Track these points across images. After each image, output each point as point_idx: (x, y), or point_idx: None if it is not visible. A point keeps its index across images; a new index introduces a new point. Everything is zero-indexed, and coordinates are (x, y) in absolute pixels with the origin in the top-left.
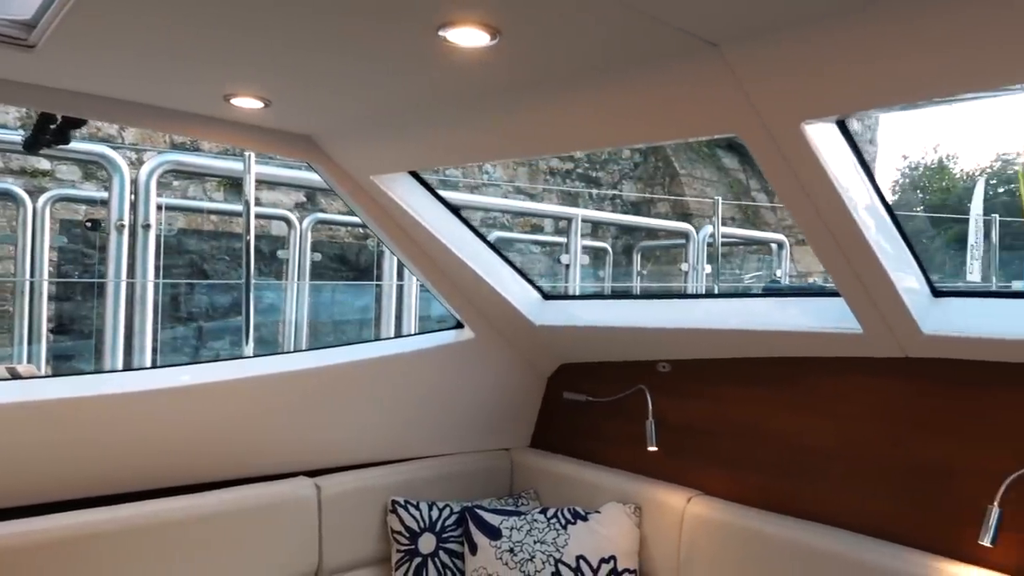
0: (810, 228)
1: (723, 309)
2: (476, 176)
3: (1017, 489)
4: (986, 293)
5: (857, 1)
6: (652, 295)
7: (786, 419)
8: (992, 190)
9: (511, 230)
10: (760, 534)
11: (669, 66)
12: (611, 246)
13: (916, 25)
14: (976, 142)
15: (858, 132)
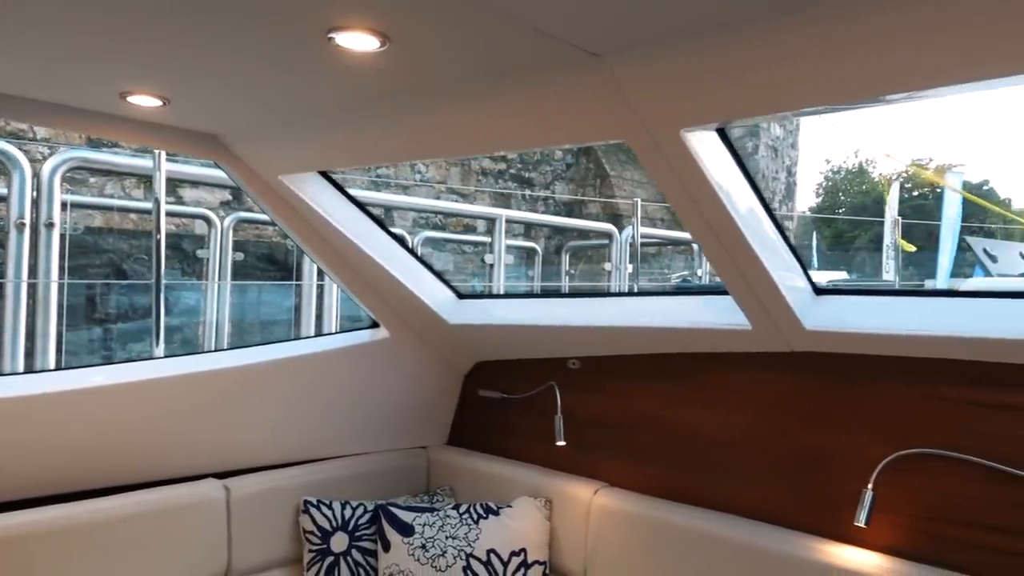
0: (697, 230)
1: (628, 307)
2: (408, 176)
3: (888, 473)
4: (864, 291)
5: (731, 17)
6: (563, 294)
7: (685, 412)
8: (907, 193)
9: (444, 230)
10: (661, 523)
11: (554, 75)
12: (544, 246)
13: (788, 38)
14: (893, 147)
15: (780, 137)
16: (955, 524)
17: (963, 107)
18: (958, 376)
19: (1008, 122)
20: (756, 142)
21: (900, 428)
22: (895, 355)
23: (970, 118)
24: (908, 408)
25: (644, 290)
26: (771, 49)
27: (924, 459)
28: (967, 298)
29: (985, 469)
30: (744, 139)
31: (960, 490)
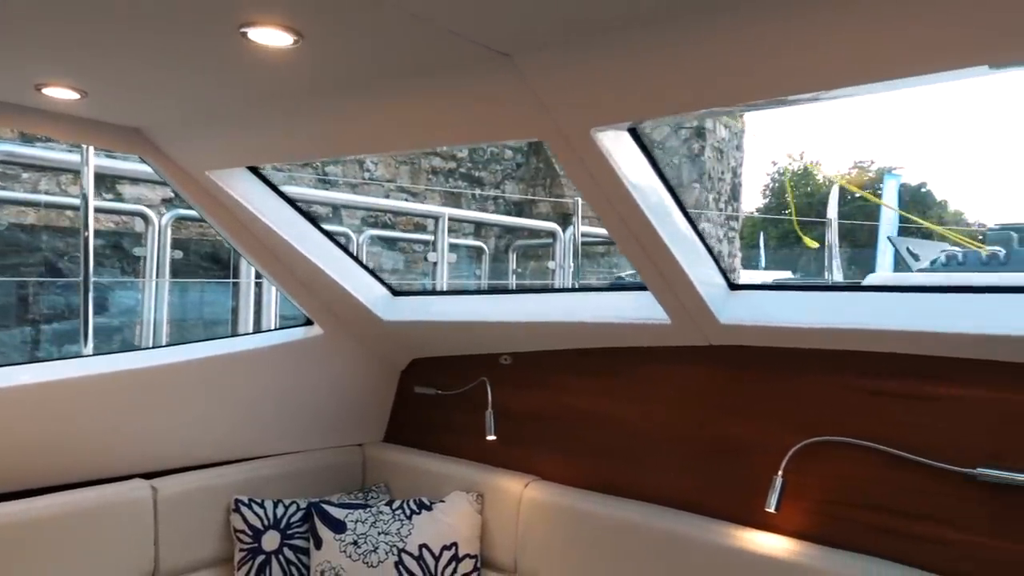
0: (614, 227)
1: (557, 303)
2: (357, 174)
3: (798, 460)
4: (776, 286)
5: (639, 18)
6: (495, 291)
7: (612, 405)
8: (851, 195)
9: (394, 228)
10: (588, 513)
11: (466, 74)
12: (495, 245)
13: (696, 39)
14: (836, 149)
15: (726, 139)
16: (859, 508)
17: (904, 110)
18: (863, 367)
19: (946, 126)
20: (702, 143)
21: (810, 417)
22: (805, 347)
23: (910, 121)
24: (817, 398)
25: (570, 287)
26: (679, 50)
27: (831, 446)
28: (871, 292)
29: (886, 455)
30: (691, 140)
31: (864, 475)
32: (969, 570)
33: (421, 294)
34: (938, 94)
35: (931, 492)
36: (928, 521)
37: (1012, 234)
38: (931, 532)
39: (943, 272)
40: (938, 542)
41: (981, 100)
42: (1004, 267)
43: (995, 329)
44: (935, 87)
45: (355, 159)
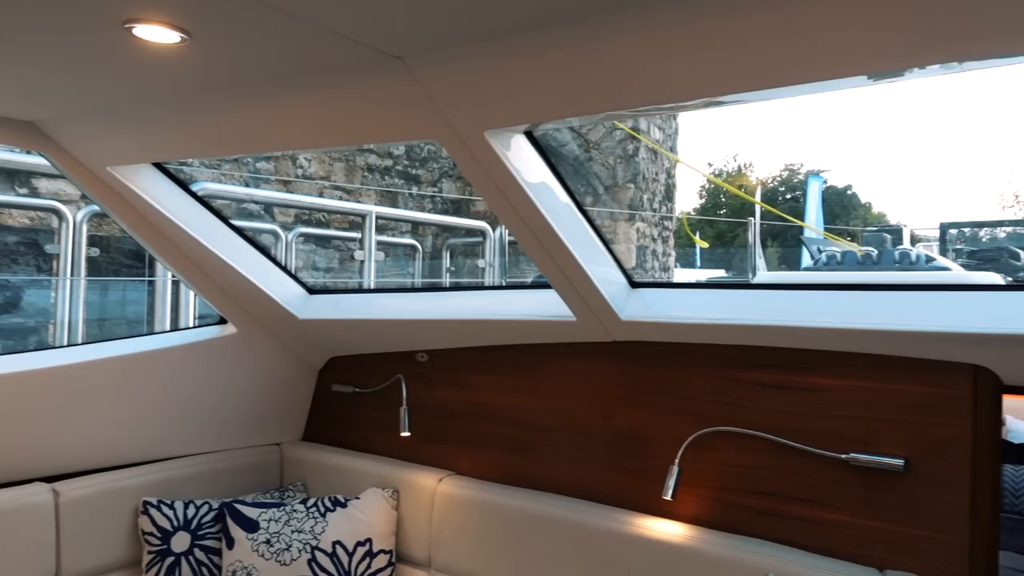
0: (514, 227)
1: (470, 301)
2: (290, 171)
3: (693, 450)
4: (673, 284)
5: (529, 22)
6: (411, 289)
7: (521, 401)
8: (781, 196)
9: (328, 226)
10: (499, 506)
11: (359, 76)
12: (432, 243)
13: (586, 44)
14: (768, 152)
15: (660, 140)
16: (748, 493)
17: (834, 115)
18: (749, 361)
19: (872, 131)
20: (636, 145)
21: (703, 409)
22: (700, 342)
23: (840, 126)
24: (709, 390)
25: (496, 284)
26: (572, 55)
27: (723, 436)
28: (758, 290)
29: (771, 443)
30: (625, 142)
31: (752, 463)
32: (847, 548)
33: (337, 292)
34: (866, 100)
35: (811, 477)
36: (810, 504)
37: (885, 236)
38: (812, 514)
39: (824, 271)
40: (819, 523)
41: (906, 106)
42: (876, 266)
43: (861, 324)
44: (864, 93)
45: (287, 155)
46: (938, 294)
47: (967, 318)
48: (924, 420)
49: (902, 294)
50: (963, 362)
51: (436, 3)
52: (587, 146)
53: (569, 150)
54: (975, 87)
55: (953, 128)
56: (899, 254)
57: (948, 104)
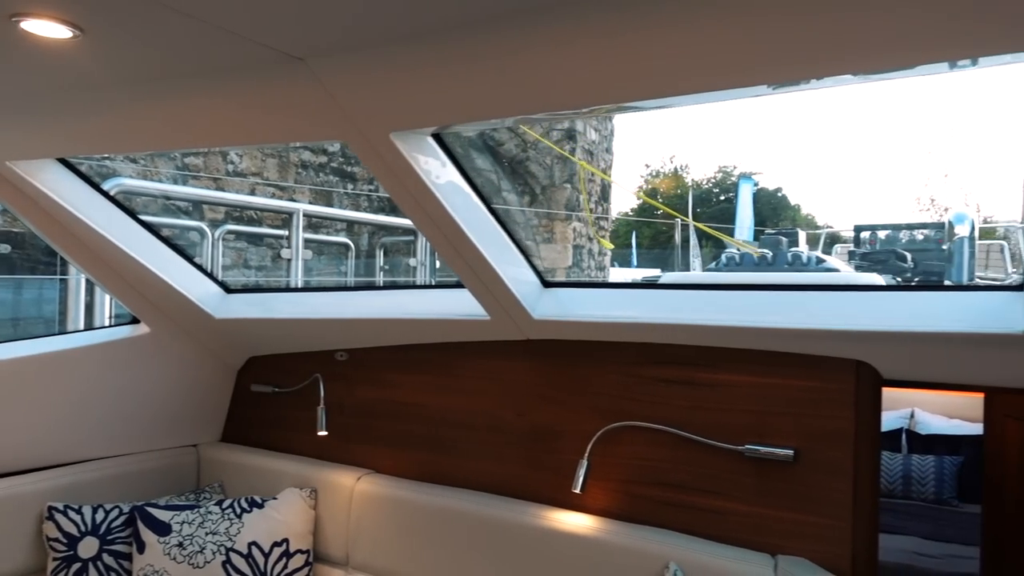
0: (424, 228)
1: (389, 300)
2: (220, 166)
3: (601, 444)
4: (584, 283)
5: (432, 26)
6: (331, 287)
7: (440, 399)
8: (715, 198)
9: (260, 224)
10: (416, 504)
11: (260, 76)
12: (367, 241)
13: (490, 49)
14: (704, 154)
15: (596, 141)
16: (653, 485)
17: (767, 119)
18: (654, 357)
19: (802, 135)
20: (573, 145)
21: (611, 404)
22: (609, 340)
23: (772, 130)
24: (617, 386)
25: (427, 283)
26: (476, 59)
27: (629, 430)
28: (663, 290)
29: (674, 437)
30: (562, 142)
31: (656, 456)
32: (742, 536)
33: (256, 291)
34: (799, 105)
35: (710, 468)
36: (709, 494)
37: (781, 238)
38: (711, 503)
39: (724, 272)
40: (717, 512)
41: (836, 112)
42: (771, 267)
43: (755, 322)
44: (797, 99)
45: (216, 151)
46: (824, 294)
47: (850, 316)
48: (812, 413)
49: (792, 294)
50: (846, 358)
51: (336, 6)
52: (524, 146)
53: (507, 149)
54: (899, 96)
55: (879, 135)
56: (791, 256)
57: (875, 111)
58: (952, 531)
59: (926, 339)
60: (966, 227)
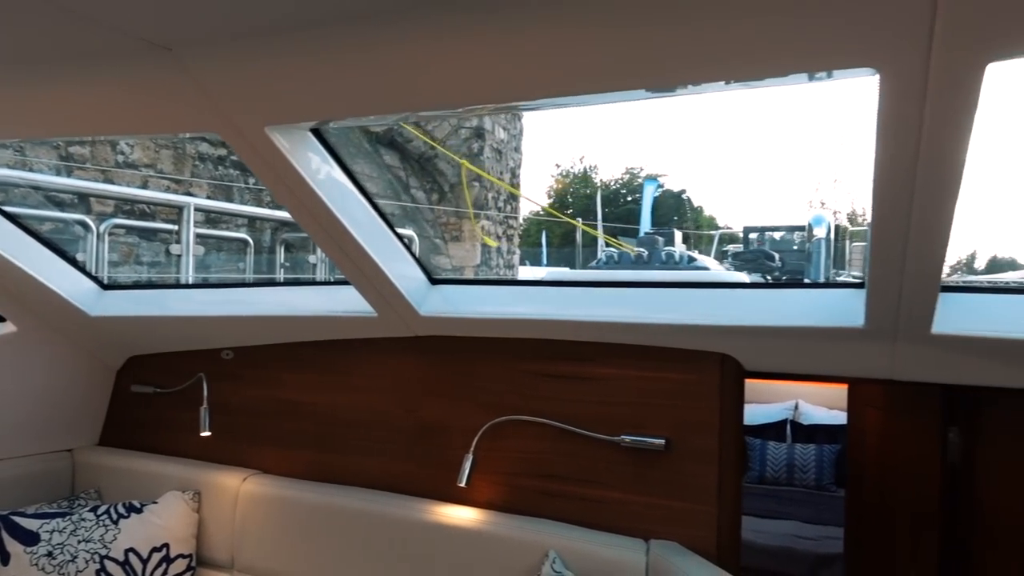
0: (307, 224)
1: (275, 297)
2: (109, 157)
3: (487, 439)
4: (473, 280)
5: (307, 21)
6: (215, 284)
7: (328, 397)
8: (622, 198)
9: (154, 218)
10: (304, 503)
11: (124, 64)
12: (269, 237)
13: (371, 49)
14: (612, 155)
15: (504, 140)
16: (537, 477)
17: (672, 122)
18: (537, 353)
19: (706, 139)
20: (481, 144)
21: (497, 398)
22: (495, 336)
23: (677, 132)
24: (502, 381)
25: (306, 281)
26: (353, 55)
27: (513, 424)
28: (546, 287)
29: (557, 429)
30: (471, 140)
31: (539, 448)
32: (619, 523)
33: (136, 287)
34: (704, 110)
35: (590, 459)
36: (588, 484)
37: (658, 238)
38: (590, 493)
39: (604, 269)
40: (596, 501)
41: (737, 117)
42: (647, 266)
43: (630, 318)
44: (701, 102)
45: (104, 140)
46: (693, 291)
47: (715, 313)
48: (682, 404)
49: (664, 291)
50: (713, 351)
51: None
52: (432, 143)
53: (415, 147)
54: (795, 104)
55: (778, 140)
56: (665, 255)
57: (776, 118)
58: (829, 514)
59: (782, 333)
60: (823, 229)
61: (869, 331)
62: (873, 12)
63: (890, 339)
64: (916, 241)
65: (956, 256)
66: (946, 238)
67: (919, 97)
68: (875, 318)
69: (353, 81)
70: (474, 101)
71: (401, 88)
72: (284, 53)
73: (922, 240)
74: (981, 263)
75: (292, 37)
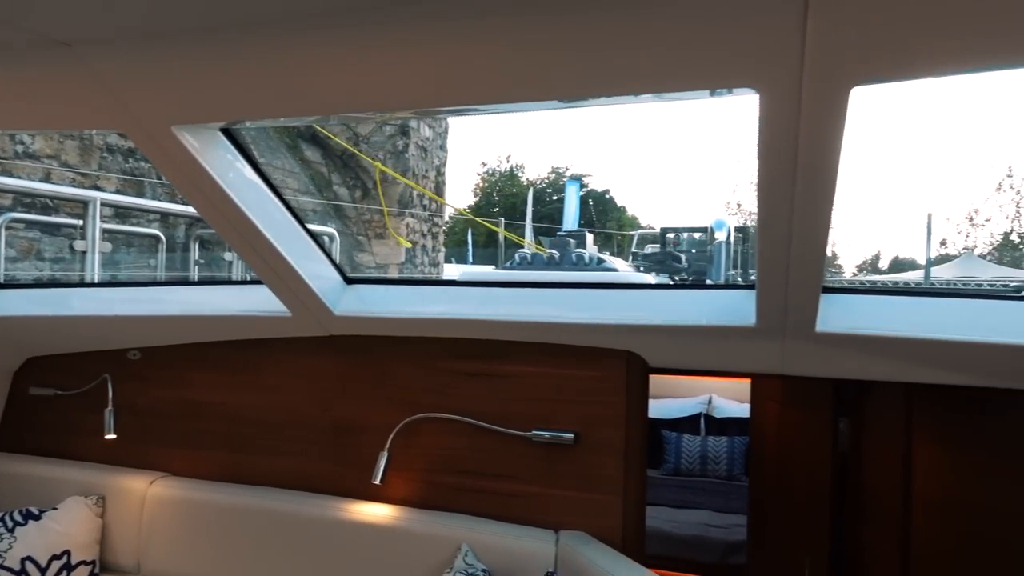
0: (217, 225)
1: (184, 297)
2: (7, 147)
3: (402, 436)
4: (389, 280)
5: (211, 21)
6: (120, 283)
7: (240, 397)
8: (548, 197)
9: (58, 212)
10: (215, 505)
11: (22, 59)
12: (184, 233)
13: (276, 52)
14: (539, 155)
15: (429, 138)
16: (451, 473)
17: (597, 123)
18: (451, 351)
19: (631, 140)
20: (406, 141)
21: (412, 396)
22: (410, 335)
23: (602, 134)
24: (418, 380)
25: (241, 279)
26: (259, 58)
27: (428, 422)
28: (462, 287)
29: (470, 426)
30: (395, 137)
31: (453, 444)
32: (531, 515)
33: (35, 287)
34: (629, 113)
35: (503, 454)
36: (501, 478)
37: (569, 240)
38: (504, 487)
39: (518, 270)
40: (509, 495)
41: (661, 121)
42: (559, 267)
43: (542, 317)
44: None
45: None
46: (601, 292)
47: (622, 312)
48: (591, 399)
49: (574, 291)
50: (619, 349)
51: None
52: (356, 139)
53: (338, 142)
54: (714, 110)
55: (700, 143)
56: (575, 256)
57: (697, 123)
58: (738, 503)
59: (682, 331)
60: (724, 233)
61: (760, 329)
62: (751, 38)
63: (779, 337)
64: (798, 247)
65: (862, 256)
66: (824, 244)
67: (794, 116)
68: (765, 317)
69: (262, 83)
70: (384, 107)
71: (310, 91)
72: (191, 54)
73: (803, 246)
74: (885, 263)
75: (199, 38)
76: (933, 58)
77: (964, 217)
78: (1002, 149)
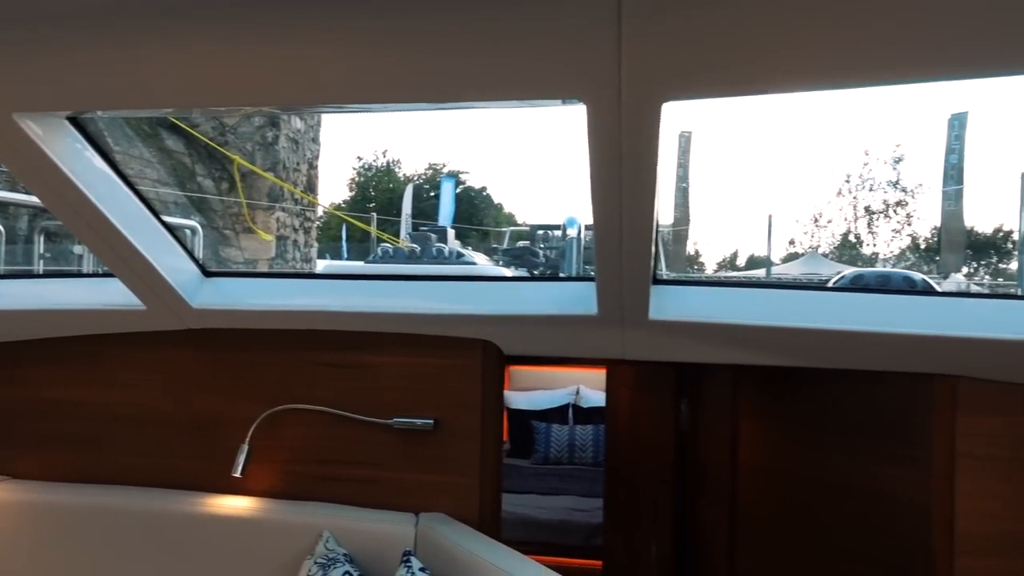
0: (64, 215)
1: (33, 290)
2: None
3: (264, 428)
4: (249, 274)
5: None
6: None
7: (91, 394)
8: (425, 194)
9: None
10: (63, 507)
11: None
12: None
13: (120, 42)
14: (416, 151)
15: (301, 130)
16: (313, 463)
17: (473, 120)
18: (312, 343)
19: (508, 137)
20: (276, 132)
21: (274, 389)
22: (271, 328)
23: (479, 131)
24: (279, 372)
25: (92, 272)
26: (104, 47)
27: (290, 413)
28: (324, 280)
29: (332, 416)
30: (264, 128)
31: (316, 435)
32: (392, 500)
33: None
34: (501, 114)
35: (364, 443)
36: (363, 466)
37: (430, 235)
38: (365, 474)
39: (380, 264)
40: (370, 481)
41: (538, 120)
42: (420, 260)
43: (402, 308)
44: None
45: None
46: (460, 284)
47: (477, 303)
48: (449, 386)
49: (433, 284)
50: (475, 338)
51: None
52: (222, 129)
53: (202, 131)
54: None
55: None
56: (435, 250)
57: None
58: (601, 487)
59: (533, 320)
60: (575, 230)
61: (601, 318)
62: (574, 52)
63: (618, 325)
64: (628, 243)
65: (722, 254)
66: (650, 241)
67: (616, 127)
68: (604, 307)
69: (112, 73)
70: (238, 102)
71: (165, 84)
72: (31, 40)
73: (632, 243)
74: (742, 260)
75: (41, 27)
76: (743, 77)
77: (810, 219)
78: (840, 157)
